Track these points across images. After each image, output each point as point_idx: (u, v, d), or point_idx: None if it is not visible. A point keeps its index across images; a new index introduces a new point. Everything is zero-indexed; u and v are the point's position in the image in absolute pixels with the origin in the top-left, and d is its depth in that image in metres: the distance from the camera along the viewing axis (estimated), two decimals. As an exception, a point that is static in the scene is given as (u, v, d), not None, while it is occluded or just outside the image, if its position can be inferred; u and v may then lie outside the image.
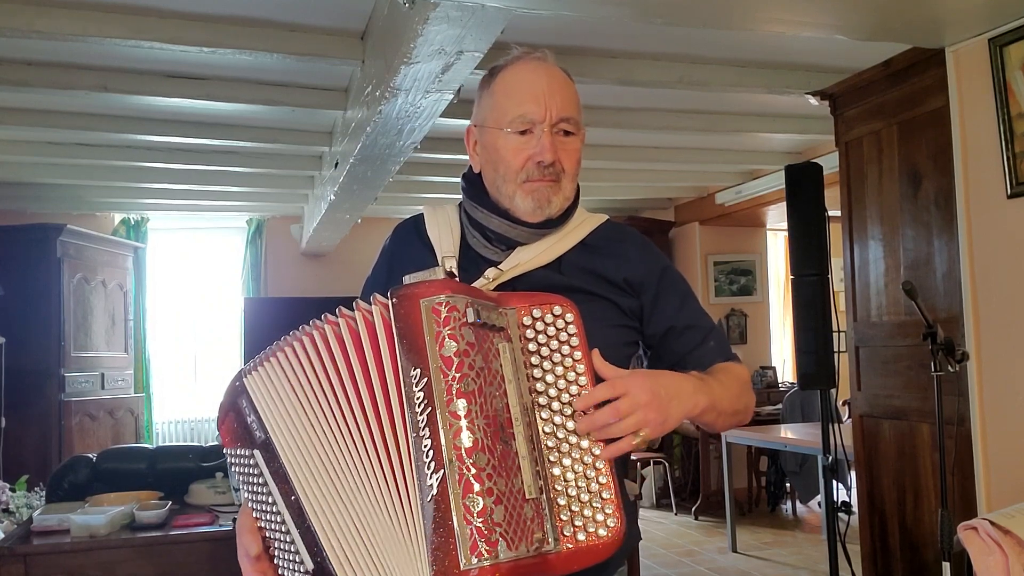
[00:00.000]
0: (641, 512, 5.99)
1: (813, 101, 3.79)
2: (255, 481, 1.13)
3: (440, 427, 0.97)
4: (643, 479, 6.64)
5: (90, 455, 3.30)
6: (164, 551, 2.61)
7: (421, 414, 0.99)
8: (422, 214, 1.35)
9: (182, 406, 7.10)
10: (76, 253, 5.67)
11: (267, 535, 1.13)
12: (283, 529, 1.09)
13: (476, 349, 1.01)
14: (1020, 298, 2.73)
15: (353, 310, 1.09)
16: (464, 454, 0.96)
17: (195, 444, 3.89)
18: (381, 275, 1.35)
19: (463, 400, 0.98)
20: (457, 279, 1.08)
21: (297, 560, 1.08)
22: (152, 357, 6.90)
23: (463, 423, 0.97)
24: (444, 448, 0.97)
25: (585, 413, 1.05)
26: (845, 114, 3.51)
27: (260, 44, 3.10)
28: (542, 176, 1.22)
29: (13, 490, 3.34)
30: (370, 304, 1.07)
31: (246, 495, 1.15)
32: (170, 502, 2.86)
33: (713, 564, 4.92)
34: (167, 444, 6.53)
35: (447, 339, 1.00)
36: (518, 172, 1.23)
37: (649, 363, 1.33)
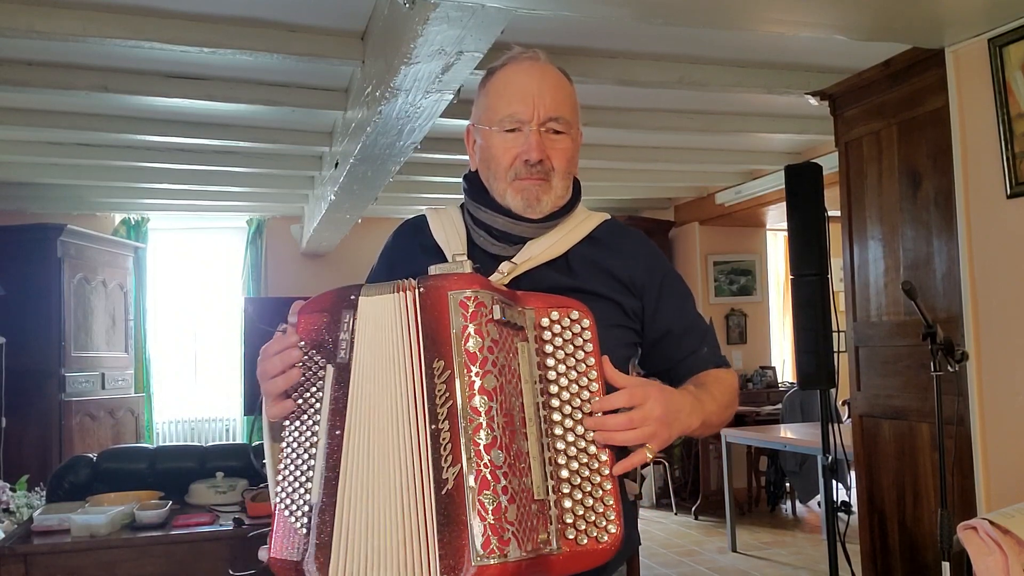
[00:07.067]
0: (641, 512, 5.99)
1: (813, 101, 3.79)
2: (308, 388, 1.10)
3: (460, 421, 0.97)
4: (643, 479, 6.59)
5: (90, 455, 3.30)
6: (164, 551, 2.61)
7: (442, 406, 0.99)
8: (423, 216, 1.35)
9: (182, 406, 7.10)
10: (76, 253, 5.67)
11: (290, 440, 1.09)
12: (310, 452, 1.07)
13: (499, 347, 1.01)
14: (1020, 298, 2.73)
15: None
16: (483, 450, 0.96)
17: (195, 444, 3.88)
18: (381, 276, 1.35)
19: (484, 396, 0.98)
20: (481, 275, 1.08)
21: (304, 487, 1.05)
22: (152, 357, 6.90)
23: (483, 419, 0.97)
24: (463, 443, 0.97)
25: (594, 414, 1.04)
26: (845, 114, 3.51)
27: (260, 44, 3.10)
28: (530, 174, 1.24)
29: (14, 490, 3.34)
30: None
31: (291, 394, 1.10)
32: (170, 502, 2.87)
33: (713, 564, 4.92)
34: (167, 444, 6.54)
35: (473, 334, 1.00)
36: (507, 170, 1.25)
37: (640, 363, 1.33)
